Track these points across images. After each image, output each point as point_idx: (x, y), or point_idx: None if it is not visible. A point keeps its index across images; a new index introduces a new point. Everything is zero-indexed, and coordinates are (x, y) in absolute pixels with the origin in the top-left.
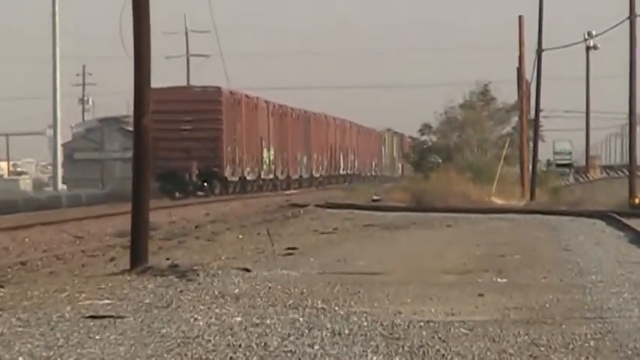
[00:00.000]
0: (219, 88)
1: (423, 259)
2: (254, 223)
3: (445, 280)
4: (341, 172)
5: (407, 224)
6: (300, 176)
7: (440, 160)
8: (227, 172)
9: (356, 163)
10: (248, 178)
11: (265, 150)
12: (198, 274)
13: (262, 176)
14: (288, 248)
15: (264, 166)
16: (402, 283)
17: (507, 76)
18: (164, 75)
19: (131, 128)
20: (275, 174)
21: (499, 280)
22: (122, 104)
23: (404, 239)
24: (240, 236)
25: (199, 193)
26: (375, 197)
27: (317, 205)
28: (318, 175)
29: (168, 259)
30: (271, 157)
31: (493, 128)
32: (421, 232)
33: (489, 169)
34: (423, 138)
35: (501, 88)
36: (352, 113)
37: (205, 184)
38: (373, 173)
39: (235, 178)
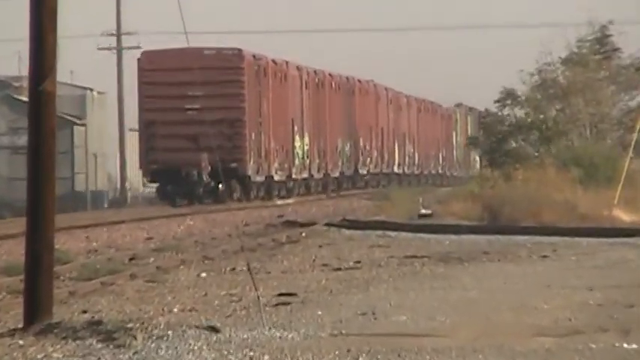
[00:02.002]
0: (239, 50)
1: (500, 311)
2: (225, 253)
3: (538, 347)
4: (395, 169)
5: (474, 254)
6: (342, 173)
7: (529, 149)
8: (250, 170)
9: (416, 156)
10: (276, 177)
11: (298, 137)
12: (134, 337)
13: (293, 174)
14: (282, 294)
15: (297, 160)
16: (468, 353)
17: None
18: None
19: (25, 98)
20: (310, 171)
21: (626, 346)
22: (12, 60)
23: (469, 279)
24: (203, 274)
25: (206, 199)
26: (423, 211)
27: (328, 224)
28: (364, 173)
29: (85, 311)
30: (305, 148)
31: (616, 97)
32: (498, 268)
33: (610, 163)
34: (503, 112)
35: (631, 32)
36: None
37: (220, 185)
38: (440, 171)
39: (261, 178)
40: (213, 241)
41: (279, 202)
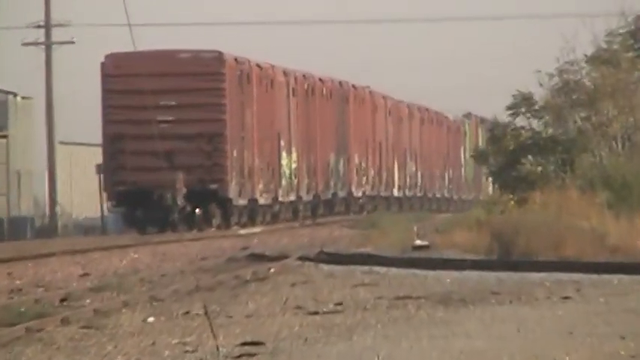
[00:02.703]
0: (219, 53)
1: None
2: (178, 294)
3: None
4: (395, 192)
5: (481, 295)
6: (334, 194)
7: (547, 167)
8: (232, 192)
9: (419, 176)
10: (261, 200)
11: (285, 153)
12: None
13: (280, 197)
14: (247, 343)
15: (283, 181)
16: None
17: None
18: None
19: None
20: (298, 192)
21: None
22: None
23: (475, 325)
24: (151, 319)
25: (181, 226)
26: (418, 242)
27: (302, 258)
28: (359, 195)
29: None
30: (293, 165)
31: None
32: (510, 311)
33: None
34: (515, 122)
35: None
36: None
37: (197, 210)
38: (446, 194)
39: (244, 201)
40: (162, 279)
41: (243, 231)
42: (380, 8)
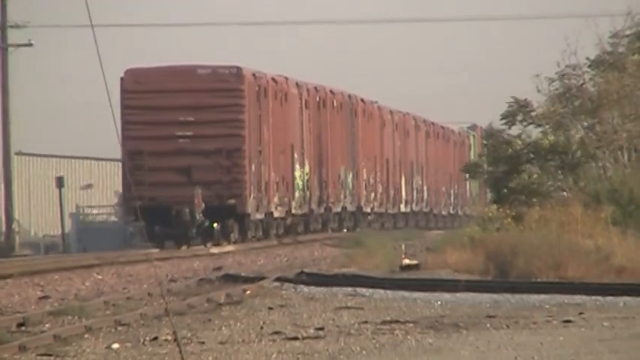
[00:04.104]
0: (238, 68)
1: None
2: (145, 318)
3: None
4: (402, 207)
5: (476, 319)
6: (344, 208)
7: (547, 180)
8: (250, 207)
9: (425, 191)
10: (275, 214)
11: (298, 166)
12: None
13: (293, 210)
14: None
15: (297, 193)
16: None
17: None
18: None
19: None
20: (310, 206)
21: None
22: None
23: (469, 353)
24: (115, 346)
25: (199, 241)
26: (407, 261)
27: (281, 279)
28: (368, 211)
29: None
30: (305, 178)
31: None
32: (506, 337)
33: None
34: (512, 132)
35: None
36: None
37: (216, 225)
38: (452, 211)
39: (260, 215)
40: (128, 302)
41: (215, 250)
42: (370, 9)
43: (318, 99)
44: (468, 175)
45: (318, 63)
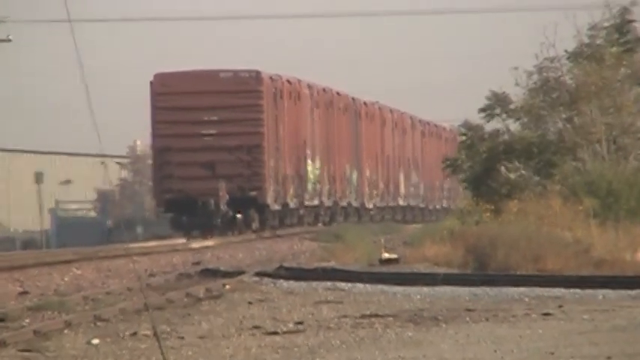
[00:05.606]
0: (258, 72)
1: None
2: (124, 313)
3: None
4: (400, 201)
5: (455, 312)
6: (349, 204)
7: (526, 173)
8: (270, 198)
9: (421, 187)
10: (291, 204)
11: (310, 161)
12: None
13: (306, 201)
14: None
15: (309, 186)
16: None
17: None
18: None
19: None
20: (320, 198)
21: None
22: None
23: (448, 346)
24: (95, 341)
25: (224, 230)
26: (386, 255)
27: (260, 274)
28: (371, 206)
29: None
30: (316, 172)
31: None
32: (486, 330)
33: (634, 190)
34: (486, 126)
35: None
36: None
37: (239, 215)
38: (445, 205)
39: (278, 206)
40: (107, 297)
41: (195, 244)
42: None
43: (326, 100)
44: (450, 171)
45: (298, 58)
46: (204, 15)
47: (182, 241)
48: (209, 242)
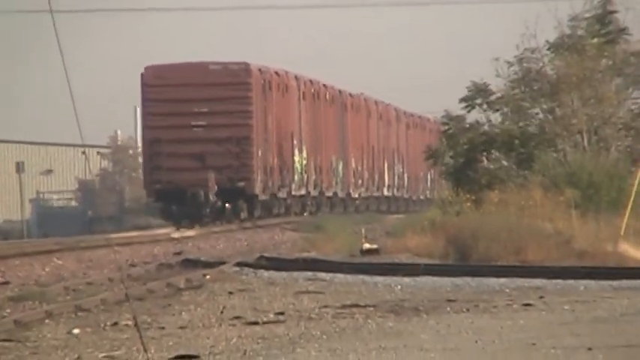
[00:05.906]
0: (247, 64)
1: None
2: (105, 303)
3: None
4: (385, 192)
5: (436, 303)
6: (335, 194)
7: (507, 164)
8: (258, 188)
9: (405, 177)
10: (279, 194)
11: (297, 152)
12: None
13: (293, 191)
14: (180, 357)
15: (296, 177)
16: None
17: None
18: None
19: None
20: (307, 188)
21: None
22: None
23: (429, 336)
24: (76, 331)
25: (212, 220)
26: (367, 245)
27: (240, 264)
28: (356, 196)
29: None
30: (303, 163)
31: (623, 94)
32: (467, 321)
33: (615, 182)
34: (471, 117)
35: None
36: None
37: (227, 205)
38: (429, 195)
39: (266, 196)
40: (88, 288)
41: (176, 234)
42: None
43: (313, 91)
44: (431, 162)
45: (289, 49)
46: (191, 6)
47: (163, 231)
48: (190, 232)
